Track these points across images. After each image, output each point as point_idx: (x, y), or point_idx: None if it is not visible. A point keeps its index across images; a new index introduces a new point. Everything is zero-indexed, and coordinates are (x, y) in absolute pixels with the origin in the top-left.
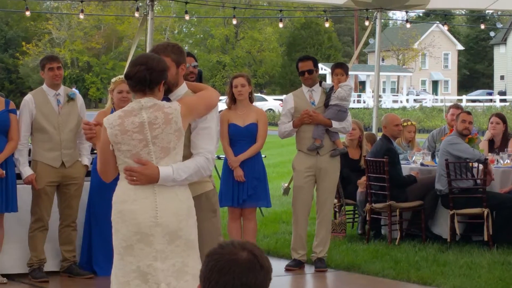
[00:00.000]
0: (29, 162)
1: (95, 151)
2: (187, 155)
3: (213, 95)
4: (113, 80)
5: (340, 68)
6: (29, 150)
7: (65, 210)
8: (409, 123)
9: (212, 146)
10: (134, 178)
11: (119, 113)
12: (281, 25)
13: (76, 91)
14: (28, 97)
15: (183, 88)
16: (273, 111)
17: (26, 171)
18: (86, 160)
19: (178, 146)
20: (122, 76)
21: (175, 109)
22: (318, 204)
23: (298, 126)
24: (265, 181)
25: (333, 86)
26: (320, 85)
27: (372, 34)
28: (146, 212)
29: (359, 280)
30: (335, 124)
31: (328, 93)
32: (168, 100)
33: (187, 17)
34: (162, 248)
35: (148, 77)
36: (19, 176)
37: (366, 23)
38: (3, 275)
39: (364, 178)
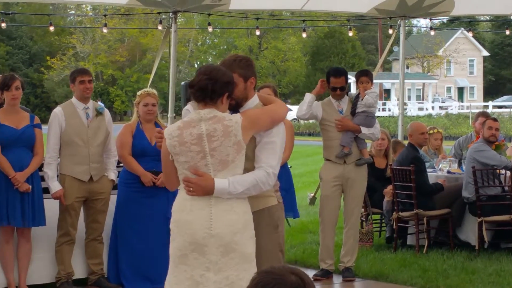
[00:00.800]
0: (57, 176)
1: (121, 165)
2: (251, 169)
3: (280, 109)
4: (138, 93)
5: (365, 76)
6: (57, 164)
7: (92, 224)
8: (435, 130)
9: (274, 161)
10: (191, 189)
11: (179, 124)
12: (304, 35)
13: (102, 105)
14: (58, 110)
15: (253, 101)
16: (298, 121)
17: (55, 186)
18: (113, 175)
19: (237, 159)
20: (147, 89)
21: (235, 122)
22: (345, 213)
23: (317, 93)
24: (292, 191)
25: (358, 94)
26: (347, 94)
27: (396, 42)
28: (201, 223)
29: None
30: (364, 130)
31: (354, 101)
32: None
33: (210, 29)
34: (215, 259)
35: (210, 87)
36: (46, 190)
37: (390, 31)
38: (32, 286)
39: (390, 187)
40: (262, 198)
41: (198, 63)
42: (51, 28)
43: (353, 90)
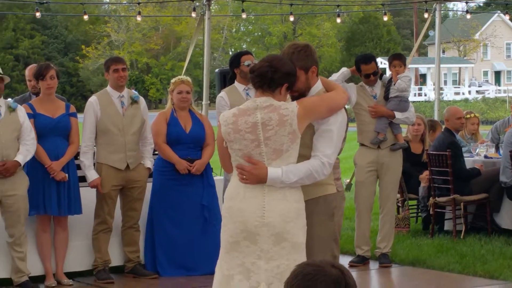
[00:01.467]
0: (94, 164)
1: (156, 153)
2: (308, 156)
3: (339, 97)
4: (172, 80)
5: (398, 60)
6: (94, 153)
7: (128, 212)
8: (472, 115)
9: (330, 149)
10: (244, 176)
11: (234, 111)
12: (338, 20)
13: (136, 92)
14: (93, 98)
15: (316, 87)
16: None
17: (92, 174)
18: (149, 163)
19: (292, 148)
20: (181, 76)
21: (291, 110)
22: (381, 199)
23: (353, 72)
24: None
25: (391, 78)
26: (380, 78)
27: (432, 26)
28: (254, 212)
29: (424, 275)
30: (398, 115)
31: (387, 86)
32: None
33: (244, 16)
34: (267, 248)
35: (270, 75)
36: (83, 179)
37: (426, 15)
38: (69, 274)
39: (426, 173)
40: (320, 186)
41: (233, 50)
42: (85, 17)
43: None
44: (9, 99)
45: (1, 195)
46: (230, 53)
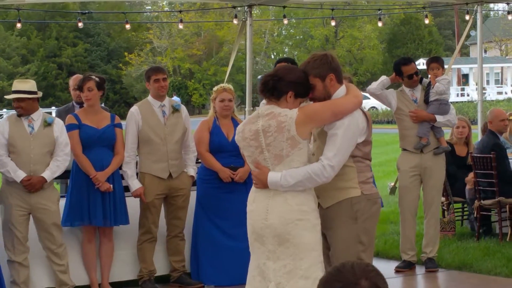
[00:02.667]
0: (137, 174)
1: (199, 161)
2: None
3: (347, 101)
4: (214, 88)
5: (436, 63)
6: (136, 163)
7: (173, 221)
8: None
9: (331, 152)
10: (255, 181)
11: (245, 120)
12: (380, 24)
13: (178, 99)
14: (134, 109)
15: (338, 94)
16: (376, 108)
17: (135, 184)
18: (192, 170)
19: (293, 154)
20: (224, 84)
21: (290, 117)
22: (425, 203)
23: (393, 81)
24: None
25: (430, 82)
26: (420, 82)
27: (473, 26)
28: (259, 214)
29: (471, 279)
30: (439, 118)
31: (427, 89)
32: None
33: (285, 21)
34: (273, 248)
35: (271, 84)
36: (127, 188)
37: (467, 17)
38: (114, 284)
39: (471, 175)
40: (342, 190)
41: (275, 54)
42: (127, 27)
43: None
44: (53, 108)
45: (31, 209)
46: (272, 57)
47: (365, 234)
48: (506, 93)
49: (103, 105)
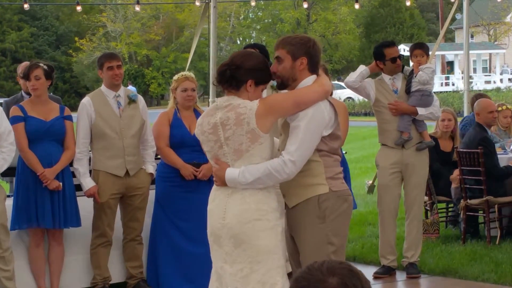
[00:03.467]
0: (90, 171)
1: (158, 157)
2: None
3: (311, 90)
4: (175, 77)
5: (419, 49)
6: (89, 159)
7: (130, 223)
8: (504, 107)
9: (293, 146)
10: (214, 178)
11: (204, 112)
12: (357, 6)
13: (134, 89)
14: (86, 100)
15: (305, 82)
16: (353, 99)
17: (88, 182)
18: (151, 167)
19: (253, 148)
20: (185, 72)
21: (249, 109)
22: (406, 203)
23: (372, 70)
24: (348, 179)
25: (413, 70)
26: (402, 71)
27: (459, 8)
28: (217, 214)
29: (456, 285)
30: (421, 111)
31: (409, 78)
32: None
33: (253, 3)
34: (229, 251)
35: (229, 73)
36: (78, 187)
37: None
38: None
39: (457, 172)
40: (309, 187)
41: (241, 39)
42: (78, 8)
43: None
44: None
45: None
46: (238, 42)
47: (335, 234)
48: (494, 82)
49: (52, 94)
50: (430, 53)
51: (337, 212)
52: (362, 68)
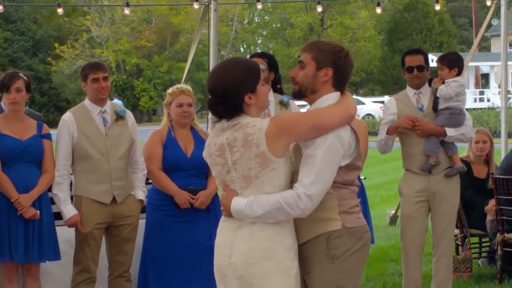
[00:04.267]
0: (71, 198)
1: (149, 182)
2: None
3: (335, 113)
4: (169, 91)
5: (438, 61)
6: (70, 184)
7: (117, 257)
8: None
9: (309, 178)
10: (221, 208)
11: (212, 132)
12: (378, 10)
13: (120, 103)
14: (67, 116)
15: (325, 100)
16: (372, 116)
17: (69, 210)
18: (141, 193)
19: (263, 175)
20: (181, 85)
21: (259, 128)
22: (434, 236)
23: (393, 133)
24: (366, 209)
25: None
26: (430, 84)
27: (496, 13)
28: (224, 249)
29: None
30: (451, 132)
31: (436, 94)
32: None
33: (259, 6)
34: None
35: (222, 107)
36: (58, 216)
37: (488, 2)
38: None
39: (493, 202)
40: (319, 222)
41: (245, 46)
42: (59, 11)
43: None
44: None
45: None
46: (242, 50)
47: (346, 276)
48: None
49: (29, 109)
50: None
51: (349, 251)
52: (383, 137)
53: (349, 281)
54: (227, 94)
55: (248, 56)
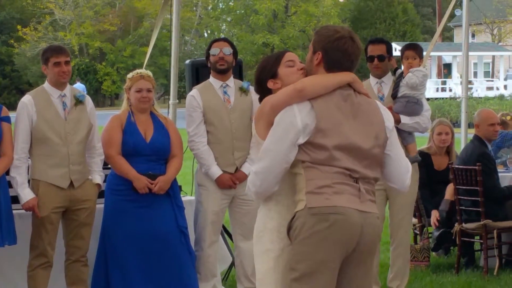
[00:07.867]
0: (28, 181)
1: (108, 167)
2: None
3: (284, 91)
4: (129, 76)
5: (412, 50)
6: (28, 167)
7: (74, 241)
8: (508, 117)
9: (258, 156)
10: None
11: None
12: None
13: (82, 87)
14: (27, 99)
15: None
16: None
17: (26, 194)
18: (98, 178)
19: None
20: (142, 70)
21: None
22: (391, 226)
23: None
24: None
25: (402, 72)
26: (394, 73)
27: (459, 3)
28: None
29: None
30: (405, 120)
31: (397, 81)
32: None
33: None
34: None
35: (260, 96)
36: (15, 199)
37: None
38: None
39: (451, 186)
40: (294, 204)
41: (209, 32)
42: None
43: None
44: None
45: None
46: (206, 35)
47: (300, 259)
48: (497, 88)
49: None
50: (424, 54)
51: (306, 233)
52: None
53: (303, 264)
54: (257, 85)
55: (210, 41)
